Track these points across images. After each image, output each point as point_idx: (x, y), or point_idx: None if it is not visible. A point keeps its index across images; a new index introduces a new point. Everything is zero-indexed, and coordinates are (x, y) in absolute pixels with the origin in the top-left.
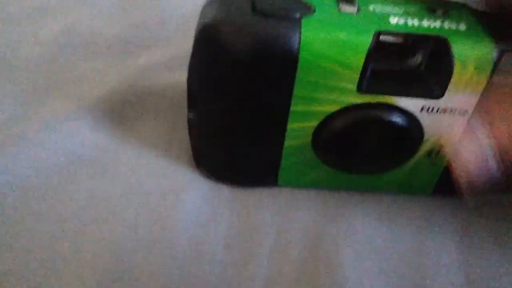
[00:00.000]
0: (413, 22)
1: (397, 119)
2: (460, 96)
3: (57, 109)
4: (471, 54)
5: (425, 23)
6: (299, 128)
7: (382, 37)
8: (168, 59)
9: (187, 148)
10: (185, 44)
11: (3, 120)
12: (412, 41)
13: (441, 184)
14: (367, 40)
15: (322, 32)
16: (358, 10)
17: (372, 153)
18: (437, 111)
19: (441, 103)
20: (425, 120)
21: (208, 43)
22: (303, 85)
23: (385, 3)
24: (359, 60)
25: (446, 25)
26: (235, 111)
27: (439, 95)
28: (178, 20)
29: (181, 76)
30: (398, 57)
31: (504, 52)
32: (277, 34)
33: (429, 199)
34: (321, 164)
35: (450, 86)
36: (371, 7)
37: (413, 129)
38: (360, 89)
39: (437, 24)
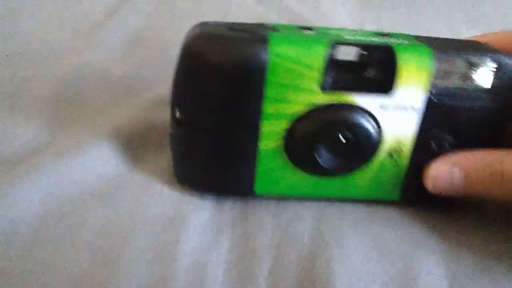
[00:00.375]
0: (363, 39)
1: (358, 117)
2: (408, 93)
3: (70, 141)
4: (412, 56)
5: (374, 39)
6: (272, 131)
7: (339, 58)
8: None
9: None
10: None
11: (19, 151)
12: (365, 58)
13: (408, 189)
14: (325, 45)
15: (287, 39)
16: (316, 32)
17: (337, 153)
18: (391, 108)
19: (394, 100)
20: (382, 118)
21: (191, 55)
22: (273, 86)
23: (340, 30)
24: (320, 62)
25: (392, 40)
26: (214, 118)
27: (390, 92)
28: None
29: None
30: (355, 70)
31: (440, 55)
32: (248, 42)
33: (421, 220)
34: (294, 169)
35: (398, 84)
36: (325, 31)
37: (372, 126)
38: (323, 88)
39: (383, 40)
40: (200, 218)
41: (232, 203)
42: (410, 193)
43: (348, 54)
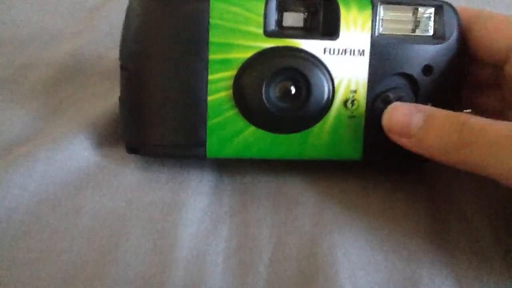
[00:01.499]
0: None
1: (304, 60)
2: (353, 34)
3: (65, 128)
4: (351, 2)
5: None
6: (220, 79)
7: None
8: None
9: (188, 163)
10: None
11: (13, 139)
12: (309, 6)
13: (369, 146)
14: None
15: None
16: None
17: (289, 104)
18: (338, 53)
19: (339, 43)
20: (330, 63)
21: (136, 4)
22: (217, 31)
23: None
24: (261, 5)
25: None
26: (161, 70)
27: (335, 34)
28: None
29: None
30: (298, 16)
31: (377, 2)
32: None
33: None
34: (246, 126)
35: (342, 26)
36: None
37: (320, 70)
38: (266, 32)
39: None
40: (199, 205)
41: (231, 190)
42: (372, 151)
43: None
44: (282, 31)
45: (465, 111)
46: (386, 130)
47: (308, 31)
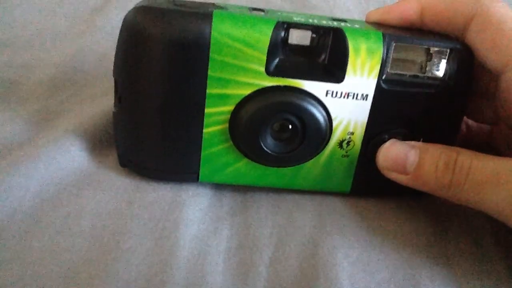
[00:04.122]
0: (314, 21)
1: (304, 102)
2: (358, 80)
3: (66, 129)
4: (362, 42)
5: (324, 22)
6: (216, 113)
7: (290, 41)
8: None
9: None
10: None
11: (15, 139)
12: (317, 42)
13: (359, 181)
14: (271, 25)
15: (232, 18)
16: (267, 13)
17: (285, 142)
18: (340, 96)
19: (343, 87)
20: (331, 105)
21: (129, 27)
22: (217, 65)
23: (292, 13)
24: (265, 42)
25: (342, 24)
26: (156, 97)
27: (340, 78)
28: None
29: None
30: (304, 54)
31: (391, 41)
32: (190, 19)
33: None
34: (240, 156)
35: (348, 70)
36: (278, 13)
37: (320, 112)
38: (268, 71)
39: (334, 23)
40: (199, 205)
41: (232, 191)
42: (361, 186)
43: (304, 38)
44: (284, 70)
45: None
46: (381, 168)
47: (312, 72)
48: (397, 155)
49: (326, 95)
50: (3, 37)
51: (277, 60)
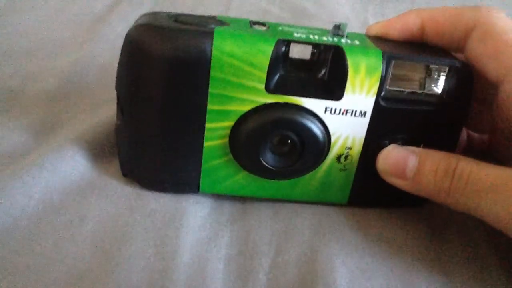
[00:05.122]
0: (314, 37)
1: (303, 119)
2: (357, 97)
3: (69, 137)
4: (361, 60)
5: (324, 39)
6: (217, 128)
7: (291, 55)
8: None
9: None
10: None
11: (19, 147)
12: (317, 57)
13: (356, 193)
14: (271, 43)
15: (233, 35)
16: (268, 28)
17: (284, 156)
18: (339, 113)
19: (342, 104)
20: (330, 121)
21: (131, 45)
22: (217, 83)
23: (293, 27)
24: (265, 61)
25: (342, 41)
26: (158, 113)
27: (339, 96)
28: None
29: None
30: (304, 70)
31: (391, 59)
32: (192, 37)
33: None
34: (239, 170)
35: (347, 88)
36: (279, 28)
37: (319, 129)
38: (268, 88)
39: (334, 40)
40: (200, 213)
41: (232, 199)
42: (358, 197)
43: (305, 51)
44: (284, 87)
45: None
46: (381, 173)
47: (311, 89)
48: (397, 159)
49: (325, 111)
50: (5, 47)
51: (277, 76)
